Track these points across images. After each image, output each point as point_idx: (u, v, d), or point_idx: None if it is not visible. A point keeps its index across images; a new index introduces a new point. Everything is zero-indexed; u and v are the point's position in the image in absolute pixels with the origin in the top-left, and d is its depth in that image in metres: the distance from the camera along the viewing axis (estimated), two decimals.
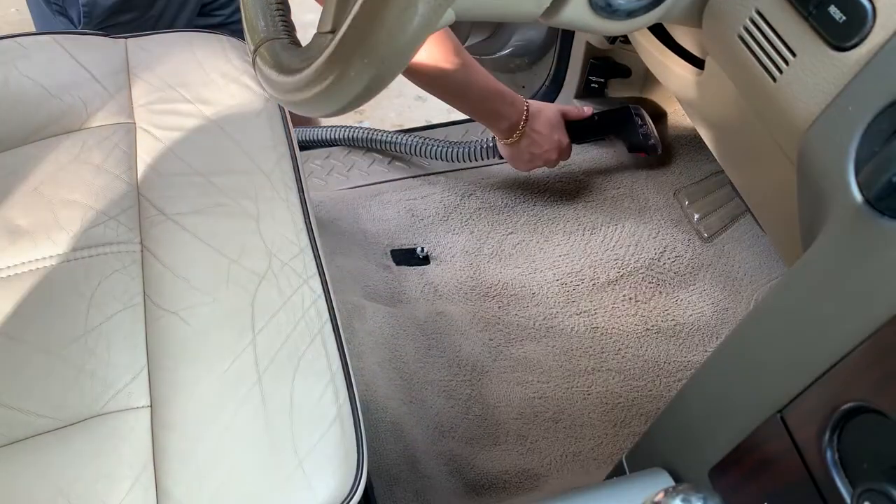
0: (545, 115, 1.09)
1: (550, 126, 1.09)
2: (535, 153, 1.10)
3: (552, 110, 1.10)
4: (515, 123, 1.06)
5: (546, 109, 1.10)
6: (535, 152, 1.10)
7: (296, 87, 0.50)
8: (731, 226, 1.19)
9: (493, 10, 0.49)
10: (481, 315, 1.12)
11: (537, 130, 1.08)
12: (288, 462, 0.61)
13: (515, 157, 1.12)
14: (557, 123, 1.11)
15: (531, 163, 1.12)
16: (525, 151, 1.10)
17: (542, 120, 1.08)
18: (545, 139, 1.09)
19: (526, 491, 0.96)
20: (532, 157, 1.11)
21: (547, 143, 1.10)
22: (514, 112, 1.05)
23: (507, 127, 1.06)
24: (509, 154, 1.12)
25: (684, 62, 0.74)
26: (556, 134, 1.10)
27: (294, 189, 0.78)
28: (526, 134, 1.07)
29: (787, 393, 0.48)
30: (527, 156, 1.11)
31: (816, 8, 0.44)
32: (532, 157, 1.11)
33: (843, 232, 0.43)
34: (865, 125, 0.41)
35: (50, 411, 0.62)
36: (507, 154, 1.12)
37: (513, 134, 1.07)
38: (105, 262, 0.70)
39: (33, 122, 0.80)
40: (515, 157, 1.12)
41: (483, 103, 1.02)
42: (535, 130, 1.08)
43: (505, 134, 1.07)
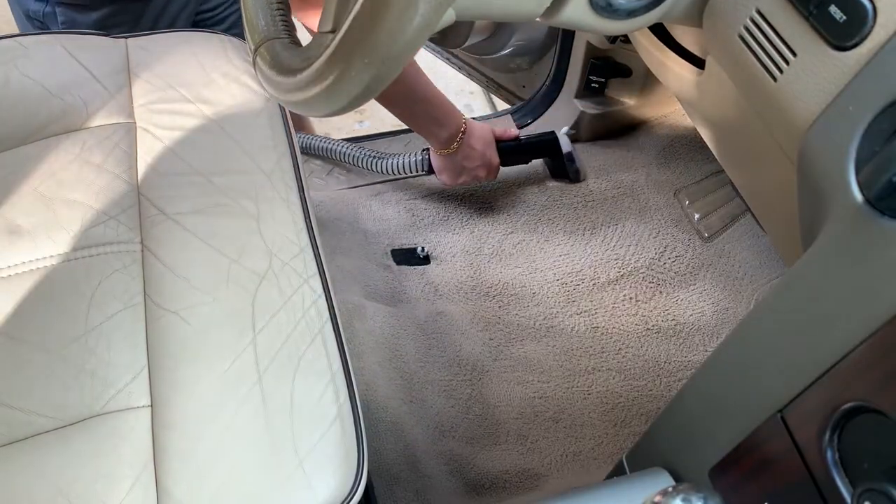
0: (480, 131, 1.11)
1: (484, 143, 1.11)
2: (466, 167, 1.11)
3: (486, 128, 1.12)
4: (454, 134, 1.06)
5: (481, 127, 1.11)
6: (468, 166, 1.11)
7: (296, 87, 0.50)
8: (731, 225, 1.19)
9: (494, 9, 0.49)
10: (482, 315, 1.12)
11: (472, 146, 1.09)
12: (288, 461, 0.61)
13: (448, 168, 1.12)
14: (490, 142, 1.13)
15: (460, 177, 1.13)
16: (458, 164, 1.10)
17: (478, 136, 1.10)
18: (479, 155, 1.11)
19: (526, 491, 0.96)
20: (463, 170, 1.12)
21: (480, 159, 1.11)
22: (454, 122, 1.06)
23: (446, 137, 1.06)
24: (441, 164, 1.12)
25: (685, 62, 0.74)
26: (488, 151, 1.12)
27: (294, 189, 0.78)
28: (462, 146, 1.08)
29: (788, 393, 0.48)
30: (459, 168, 1.11)
31: (817, 7, 0.44)
32: (463, 171, 1.12)
33: (843, 232, 0.43)
34: (866, 125, 0.41)
35: (50, 411, 0.62)
36: (440, 165, 1.12)
37: (451, 144, 1.07)
38: (105, 261, 0.70)
39: (34, 122, 0.80)
40: (448, 168, 1.12)
41: (427, 110, 1.03)
42: (471, 145, 1.09)
43: (443, 144, 1.07)
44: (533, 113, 1.35)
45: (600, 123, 1.29)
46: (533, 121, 1.35)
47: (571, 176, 1.25)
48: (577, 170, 1.25)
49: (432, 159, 1.13)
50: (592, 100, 1.28)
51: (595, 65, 1.22)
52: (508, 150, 1.17)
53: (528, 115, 1.36)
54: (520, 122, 1.36)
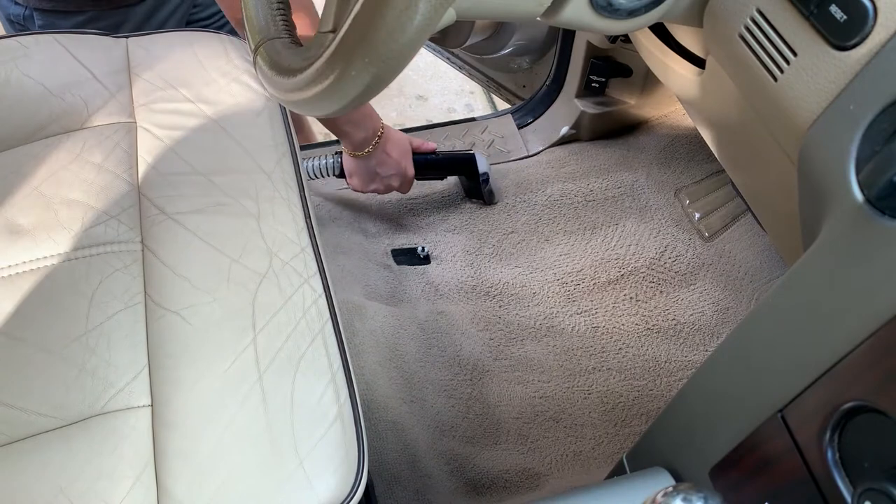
0: (397, 139, 1.08)
1: (401, 151, 1.08)
2: (379, 173, 1.08)
3: (404, 137, 1.09)
4: (370, 137, 1.03)
5: (398, 135, 1.08)
6: (381, 173, 1.08)
7: (296, 87, 0.50)
8: (731, 225, 1.19)
9: (494, 9, 0.49)
10: (482, 314, 1.12)
11: (387, 152, 1.06)
12: (289, 461, 0.61)
13: (359, 172, 1.08)
14: (407, 151, 1.10)
15: (371, 183, 1.10)
16: (371, 169, 1.07)
17: (394, 143, 1.07)
18: (394, 163, 1.08)
19: (526, 490, 0.96)
20: (375, 177, 1.09)
21: (394, 167, 1.08)
22: (371, 125, 1.02)
23: (361, 139, 1.02)
24: (353, 167, 1.08)
25: (685, 61, 0.74)
26: (404, 161, 1.09)
27: (295, 188, 0.78)
28: (377, 152, 1.05)
29: (788, 392, 0.48)
30: (371, 174, 1.08)
31: (817, 7, 0.44)
32: (375, 178, 1.09)
33: (843, 231, 0.43)
34: (866, 124, 0.41)
35: (51, 410, 0.62)
36: (351, 167, 1.09)
37: (365, 148, 1.04)
38: (106, 261, 0.70)
39: (34, 122, 0.80)
40: (359, 172, 1.08)
41: None
42: (386, 152, 1.06)
43: (357, 146, 1.04)
44: (533, 112, 1.36)
45: (601, 123, 1.29)
46: (533, 120, 1.35)
47: (485, 198, 1.23)
48: (490, 191, 1.22)
49: (344, 162, 1.10)
50: (593, 99, 1.28)
51: (595, 64, 1.22)
52: (424, 164, 1.14)
53: (528, 114, 1.36)
54: (520, 121, 1.36)
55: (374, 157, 1.05)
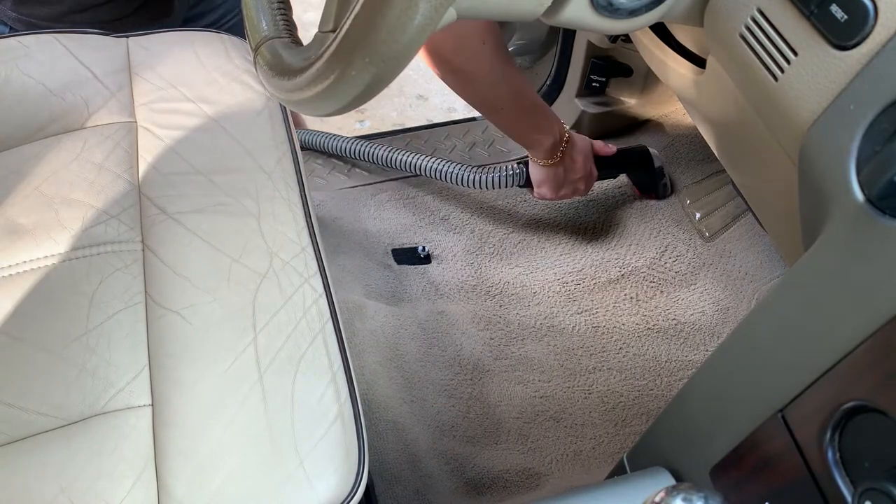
0: (581, 142, 1.05)
1: (585, 154, 1.06)
2: (569, 179, 1.05)
3: (586, 140, 1.07)
4: (558, 143, 1.00)
5: (581, 138, 1.06)
6: (570, 178, 1.05)
7: (297, 87, 0.50)
8: (732, 225, 1.19)
9: (495, 9, 0.49)
10: (482, 314, 1.12)
11: (574, 157, 1.04)
12: (289, 461, 0.61)
13: (549, 180, 1.05)
14: (590, 153, 1.07)
15: (562, 189, 1.07)
16: (561, 176, 1.04)
17: (580, 147, 1.05)
18: (580, 166, 1.05)
19: (527, 490, 0.96)
20: (566, 182, 1.06)
21: (582, 170, 1.06)
22: (557, 131, 1.00)
23: (550, 146, 1.00)
24: (543, 177, 1.05)
25: (686, 61, 0.74)
26: (588, 164, 1.07)
27: (295, 188, 0.78)
28: (566, 157, 1.02)
29: (789, 392, 0.48)
30: (561, 180, 1.05)
31: (818, 7, 0.44)
32: (566, 183, 1.06)
33: (844, 231, 0.43)
34: (867, 124, 0.41)
35: (51, 410, 0.62)
36: (541, 177, 1.05)
37: (553, 155, 1.01)
38: (106, 260, 0.70)
39: (35, 121, 0.80)
40: (549, 180, 1.05)
41: (532, 117, 0.97)
42: (573, 157, 1.03)
43: (546, 154, 1.01)
44: None
45: (601, 123, 1.29)
46: None
47: (660, 191, 1.21)
48: (665, 185, 1.21)
49: (532, 171, 1.06)
50: (593, 99, 1.28)
51: (596, 64, 1.22)
52: (601, 164, 1.12)
53: None
54: None
55: (562, 164, 1.03)
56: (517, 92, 0.92)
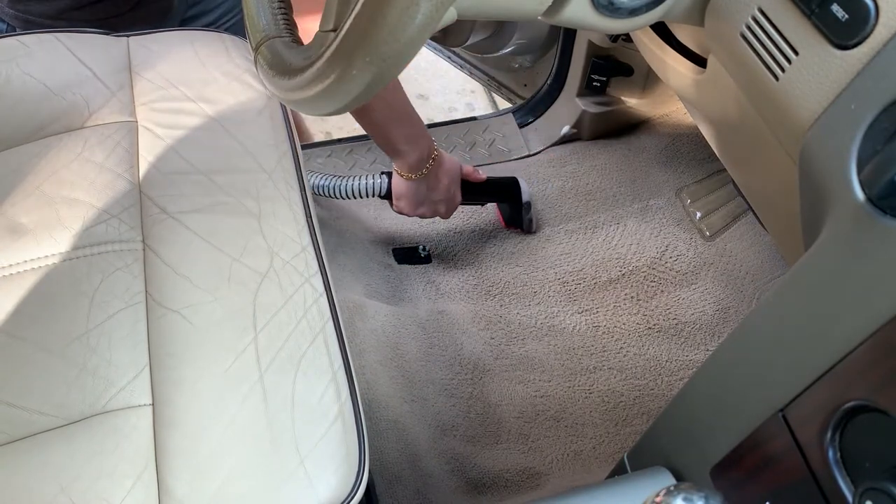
0: (449, 164, 1.03)
1: (451, 177, 1.03)
2: (430, 198, 1.03)
3: (456, 163, 1.05)
4: (425, 158, 0.98)
5: (450, 159, 1.03)
6: (432, 198, 1.03)
7: (297, 86, 0.50)
8: (732, 224, 1.19)
9: (495, 8, 0.49)
10: (483, 314, 1.12)
11: (439, 176, 1.01)
12: (289, 460, 0.61)
13: (408, 195, 1.02)
14: (457, 177, 1.05)
15: (420, 207, 1.04)
16: (422, 193, 1.02)
17: (447, 168, 1.02)
18: (444, 188, 1.03)
19: (527, 490, 0.96)
20: (425, 201, 1.03)
21: (444, 192, 1.03)
22: (427, 146, 0.97)
23: (417, 160, 0.97)
24: (403, 190, 1.02)
25: (686, 60, 0.74)
26: (453, 186, 1.05)
27: (296, 187, 0.78)
28: (430, 175, 1.00)
29: (789, 392, 0.48)
30: (421, 198, 1.03)
31: (819, 6, 0.44)
32: (424, 202, 1.03)
33: (845, 230, 0.43)
34: (868, 124, 0.41)
35: (52, 409, 0.62)
36: (401, 190, 1.02)
37: (419, 170, 0.99)
38: (107, 260, 0.70)
39: (35, 121, 0.80)
40: (408, 195, 1.02)
41: (404, 127, 0.94)
42: (438, 176, 1.01)
43: (412, 168, 0.98)
44: (534, 112, 1.36)
45: (602, 122, 1.29)
46: (534, 119, 1.35)
47: (524, 226, 1.19)
48: (530, 220, 1.19)
49: (394, 183, 1.03)
50: (594, 98, 1.28)
51: (596, 63, 1.22)
52: (468, 189, 1.09)
53: (529, 113, 1.36)
54: (521, 120, 1.36)
55: (426, 181, 1.01)
56: (390, 99, 0.90)
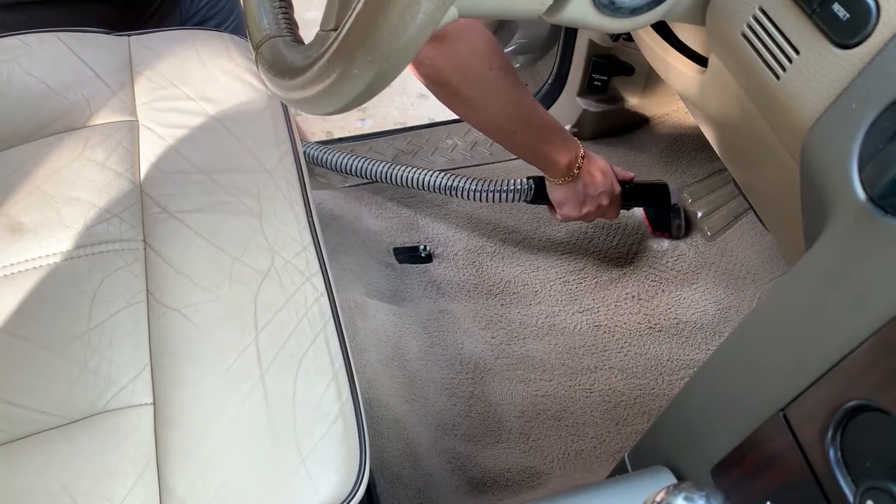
0: (598, 160, 1.02)
1: (603, 172, 1.02)
2: (590, 194, 1.01)
3: (601, 158, 1.03)
4: (574, 160, 0.97)
5: (597, 157, 1.02)
6: (591, 193, 1.01)
7: (298, 85, 0.50)
8: (733, 224, 1.19)
9: (496, 7, 0.49)
10: (484, 313, 1.12)
11: (592, 172, 1.00)
12: (290, 459, 0.61)
13: (569, 199, 1.01)
14: (608, 170, 1.03)
15: (585, 206, 1.02)
16: (580, 192, 1.00)
17: (596, 163, 1.01)
18: (600, 182, 1.01)
19: (528, 489, 0.96)
20: (587, 199, 1.01)
21: (602, 185, 1.01)
22: (572, 149, 0.96)
23: (566, 163, 0.96)
24: (562, 195, 1.01)
25: (687, 60, 0.74)
26: (609, 178, 1.03)
27: (297, 187, 0.78)
28: (583, 173, 0.99)
29: (790, 391, 0.48)
30: (581, 197, 1.01)
31: (820, 6, 0.44)
32: (587, 200, 1.01)
33: (846, 230, 0.43)
34: (869, 123, 0.41)
35: (53, 408, 0.62)
36: (560, 196, 1.01)
37: (570, 172, 0.98)
38: (108, 259, 0.70)
39: (36, 120, 0.80)
40: (569, 199, 1.01)
41: (545, 137, 0.94)
42: (590, 172, 1.00)
43: (564, 171, 0.97)
44: None
45: (603, 121, 1.29)
46: None
47: (673, 231, 1.16)
48: (679, 225, 1.16)
49: (551, 192, 1.02)
50: (595, 98, 1.27)
51: (597, 63, 1.21)
52: None
53: None
54: None
55: (581, 180, 0.99)
56: (529, 114, 0.90)
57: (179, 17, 1.08)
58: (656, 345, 1.08)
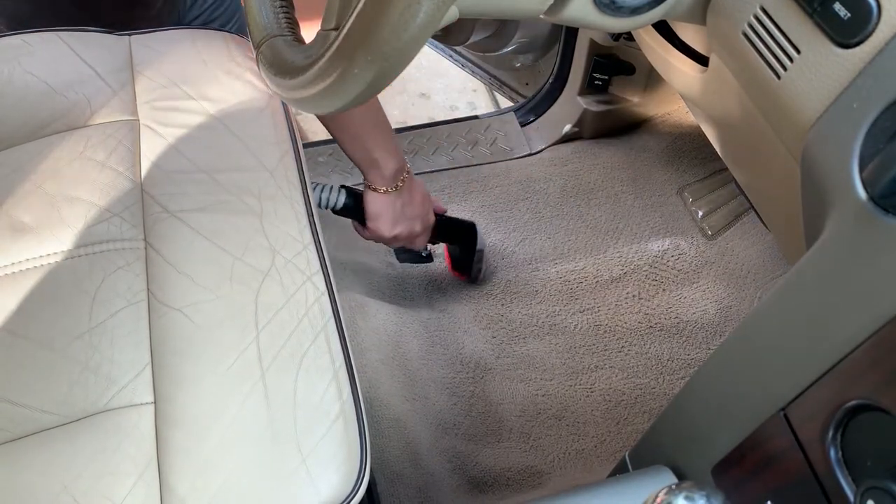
0: (420, 183, 0.97)
1: (423, 195, 0.96)
2: (405, 215, 0.94)
3: (422, 183, 0.98)
4: (400, 170, 0.90)
5: (420, 180, 0.97)
6: (408, 214, 0.95)
7: (299, 85, 0.50)
8: (734, 223, 1.19)
9: (497, 6, 0.49)
10: (484, 312, 1.12)
11: (413, 190, 0.95)
12: (291, 459, 0.61)
13: (384, 213, 0.93)
14: (428, 197, 0.98)
15: (398, 226, 0.95)
16: (398, 209, 0.93)
17: (419, 186, 0.96)
18: (418, 203, 0.95)
19: (529, 488, 0.96)
20: (402, 219, 0.95)
21: (419, 208, 0.96)
22: (400, 157, 0.90)
23: (392, 170, 0.89)
24: (379, 208, 0.93)
25: (688, 59, 0.74)
26: (427, 203, 0.97)
27: (297, 186, 0.78)
28: (405, 188, 0.92)
29: (791, 391, 0.48)
30: (397, 215, 0.94)
31: (821, 5, 0.44)
32: (401, 220, 0.95)
33: (846, 229, 0.43)
34: (870, 122, 0.41)
35: (54, 408, 0.62)
36: (377, 208, 0.93)
37: (394, 183, 0.91)
38: (109, 258, 0.70)
39: (37, 120, 0.80)
40: (384, 213, 0.93)
41: (379, 134, 0.88)
42: (412, 189, 0.94)
43: (389, 180, 0.90)
44: (536, 110, 1.36)
45: (603, 121, 1.29)
46: (536, 118, 1.35)
47: (472, 274, 1.12)
48: (480, 269, 1.12)
49: (368, 201, 0.93)
50: (595, 97, 1.27)
51: (598, 62, 1.21)
52: None
53: (530, 112, 1.36)
54: (522, 119, 1.36)
55: (401, 196, 0.93)
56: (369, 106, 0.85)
57: (179, 16, 1.08)
58: (657, 344, 1.08)
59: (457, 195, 1.24)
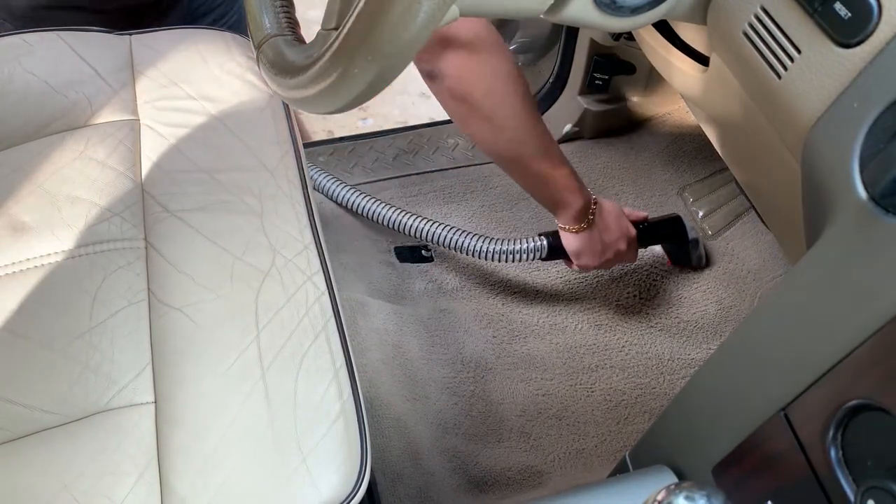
0: (610, 205, 0.98)
1: (616, 216, 0.98)
2: (607, 242, 0.97)
3: (612, 202, 0.99)
4: (587, 205, 0.92)
5: (606, 201, 0.98)
6: (608, 241, 0.97)
7: (300, 84, 0.50)
8: (735, 223, 1.19)
9: (497, 6, 0.49)
10: (485, 312, 1.12)
11: (605, 218, 0.96)
12: (292, 458, 0.61)
13: (586, 248, 0.96)
14: (620, 213, 0.99)
15: (603, 254, 0.97)
16: (598, 241, 0.96)
17: (608, 208, 0.97)
18: (615, 227, 0.97)
19: (529, 488, 0.96)
20: (605, 247, 0.97)
21: (617, 231, 0.97)
22: (584, 195, 0.92)
23: (579, 208, 0.91)
24: (578, 245, 0.96)
25: (689, 59, 0.74)
26: (623, 221, 0.99)
27: (298, 186, 0.78)
28: (597, 219, 0.94)
29: (791, 390, 0.48)
30: (598, 245, 0.96)
31: (822, 5, 0.44)
32: (605, 248, 0.97)
33: (847, 229, 0.43)
34: (870, 122, 0.41)
35: (54, 407, 0.62)
36: (577, 246, 0.96)
37: (584, 218, 0.93)
38: (109, 258, 0.70)
39: (38, 119, 0.80)
40: (586, 248, 0.96)
41: (561, 174, 0.89)
42: (604, 218, 0.96)
43: (578, 217, 0.93)
44: None
45: (604, 120, 1.29)
46: None
47: (694, 262, 1.13)
48: (700, 255, 1.13)
49: (567, 242, 0.97)
50: (596, 97, 1.27)
51: (599, 62, 1.21)
52: None
53: None
54: None
55: (596, 227, 0.94)
56: (547, 146, 0.86)
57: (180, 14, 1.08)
58: (657, 344, 1.08)
59: (457, 195, 1.24)
